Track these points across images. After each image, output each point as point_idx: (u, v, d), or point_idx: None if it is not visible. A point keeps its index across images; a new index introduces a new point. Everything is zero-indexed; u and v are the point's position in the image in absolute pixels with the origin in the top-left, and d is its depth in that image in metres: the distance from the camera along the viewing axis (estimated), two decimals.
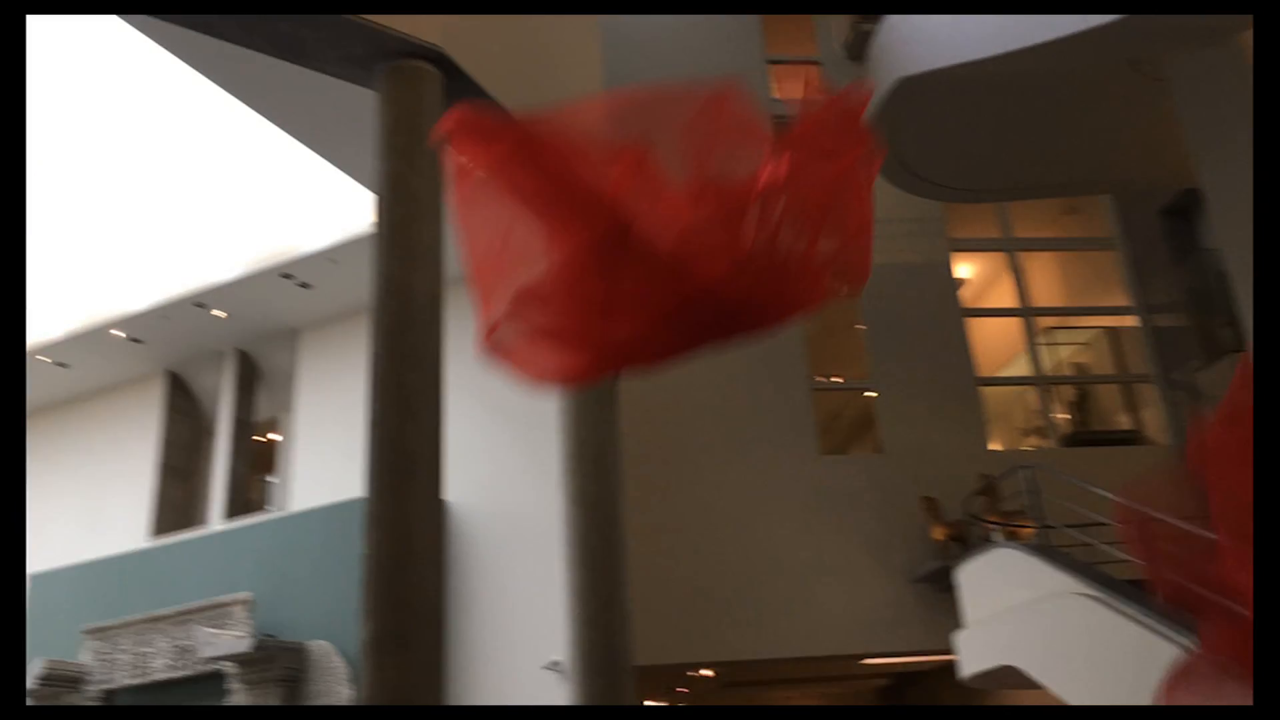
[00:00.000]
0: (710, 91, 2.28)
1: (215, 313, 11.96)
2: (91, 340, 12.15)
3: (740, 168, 2.30)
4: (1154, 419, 12.67)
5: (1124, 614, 6.24)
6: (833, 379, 14.48)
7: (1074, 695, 6.90)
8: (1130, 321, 13.08)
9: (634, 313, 2.31)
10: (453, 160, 2.29)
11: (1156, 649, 5.97)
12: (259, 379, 12.99)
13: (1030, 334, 12.96)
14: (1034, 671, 7.29)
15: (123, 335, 12.18)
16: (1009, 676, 7.94)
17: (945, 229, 13.11)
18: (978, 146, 10.08)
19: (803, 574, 11.17)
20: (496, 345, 2.34)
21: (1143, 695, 6.11)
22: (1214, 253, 10.34)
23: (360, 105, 6.71)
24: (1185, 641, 5.77)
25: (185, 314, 11.94)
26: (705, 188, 2.25)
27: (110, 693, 10.48)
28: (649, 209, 2.22)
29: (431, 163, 6.07)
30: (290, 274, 11.33)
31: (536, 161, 2.21)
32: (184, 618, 10.34)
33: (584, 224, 2.23)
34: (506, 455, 10.42)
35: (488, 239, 2.32)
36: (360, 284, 10.79)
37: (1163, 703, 2.77)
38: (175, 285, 11.71)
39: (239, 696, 9.70)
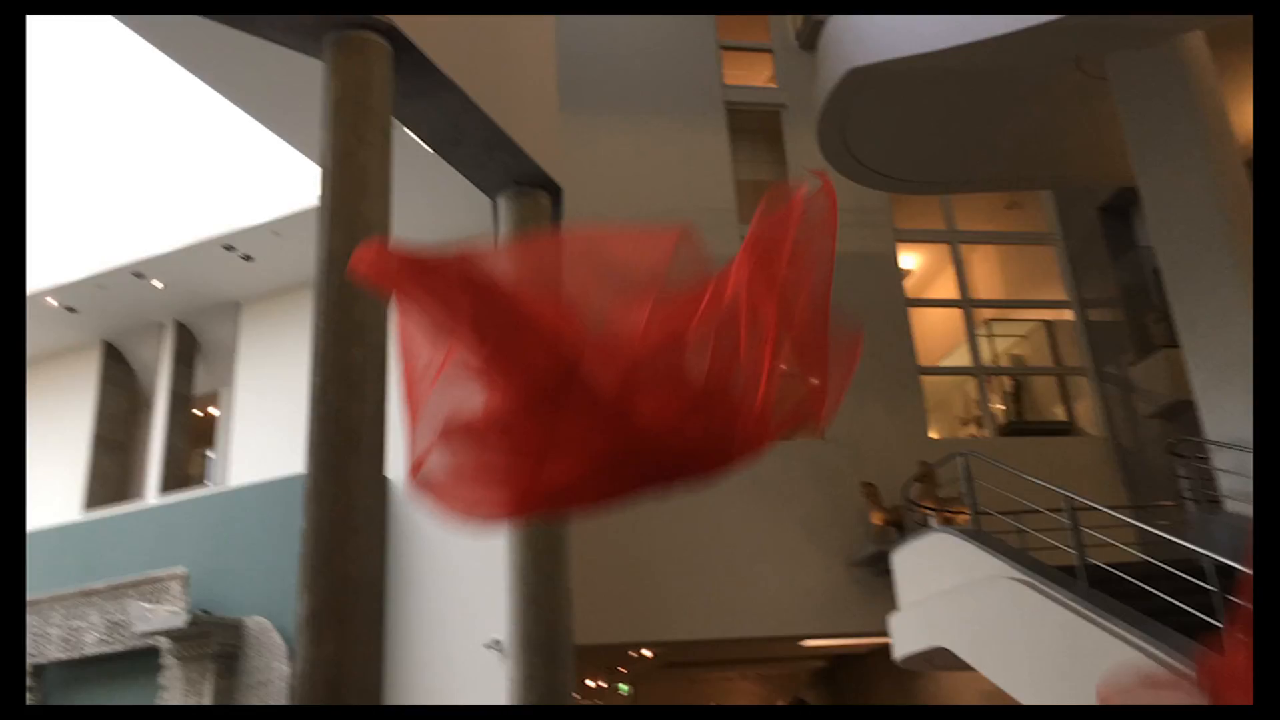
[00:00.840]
0: (661, 235, 2.21)
1: (154, 283, 11.72)
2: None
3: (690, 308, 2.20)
4: (1087, 410, 13.02)
5: (1052, 598, 6.43)
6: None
7: (1001, 677, 7.09)
8: (1067, 315, 13.41)
9: (572, 457, 2.17)
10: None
11: (1082, 632, 6.16)
12: (198, 351, 12.77)
13: (970, 325, 13.21)
14: (964, 653, 7.48)
15: (56, 304, 11.89)
16: (941, 658, 8.15)
17: (891, 220, 13.30)
18: (924, 138, 10.23)
19: (744, 557, 11.31)
20: (423, 480, 2.17)
21: (1068, 677, 6.32)
22: (1149, 250, 10.63)
23: (307, 76, 6.61)
24: (1111, 625, 5.97)
25: (122, 284, 11.68)
26: (653, 319, 2.13)
27: (40, 667, 10.27)
28: (592, 347, 2.12)
29: (380, 136, 6.01)
30: (232, 246, 11.14)
31: (470, 296, 2.08)
32: (117, 592, 10.15)
33: (522, 362, 2.12)
34: None
35: (423, 361, 2.15)
36: (304, 258, 10.67)
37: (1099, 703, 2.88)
38: (113, 254, 11.44)
39: (173, 672, 9.57)
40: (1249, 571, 2.39)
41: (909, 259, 14.71)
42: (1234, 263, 7.80)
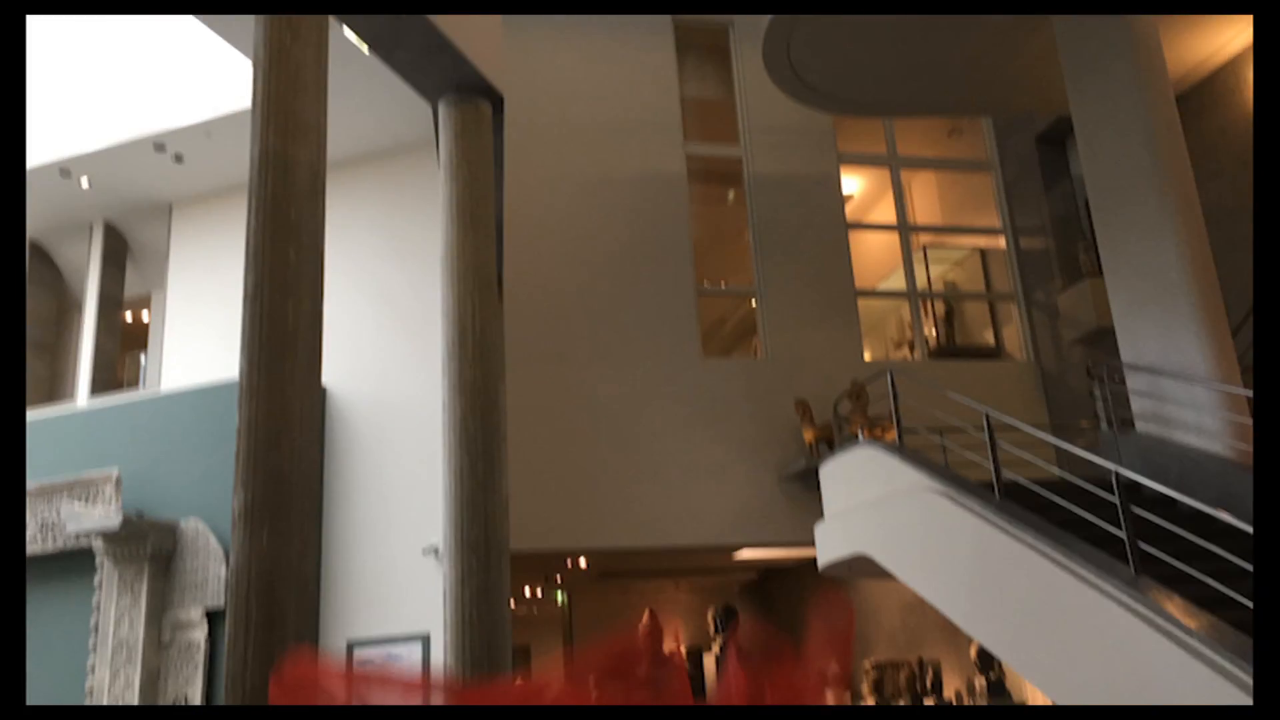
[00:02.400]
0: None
1: (81, 182, 11.38)
2: None
3: None
4: (1015, 336, 13.39)
5: (967, 509, 6.72)
6: (719, 284, 14.77)
7: (918, 583, 7.43)
8: (1000, 243, 13.68)
9: None
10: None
11: (994, 541, 6.48)
12: (128, 254, 12.49)
13: (907, 250, 13.43)
14: (884, 560, 7.81)
15: None
16: (862, 566, 8.48)
17: (835, 143, 13.36)
18: (869, 60, 10.25)
19: (678, 469, 11.56)
20: None
21: (981, 583, 6.64)
22: (1082, 180, 10.85)
23: None
24: (1020, 534, 6.29)
25: (48, 182, 11.33)
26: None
27: None
28: None
29: (316, 32, 5.89)
30: (163, 146, 10.84)
31: None
32: (49, 493, 10.07)
33: None
34: (387, 341, 10.37)
35: None
36: (236, 160, 10.48)
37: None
38: (38, 151, 11.07)
39: (107, 572, 9.59)
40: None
41: (851, 183, 14.83)
42: (1159, 195, 8.04)
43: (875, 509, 8.07)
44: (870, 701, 14.44)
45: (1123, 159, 8.36)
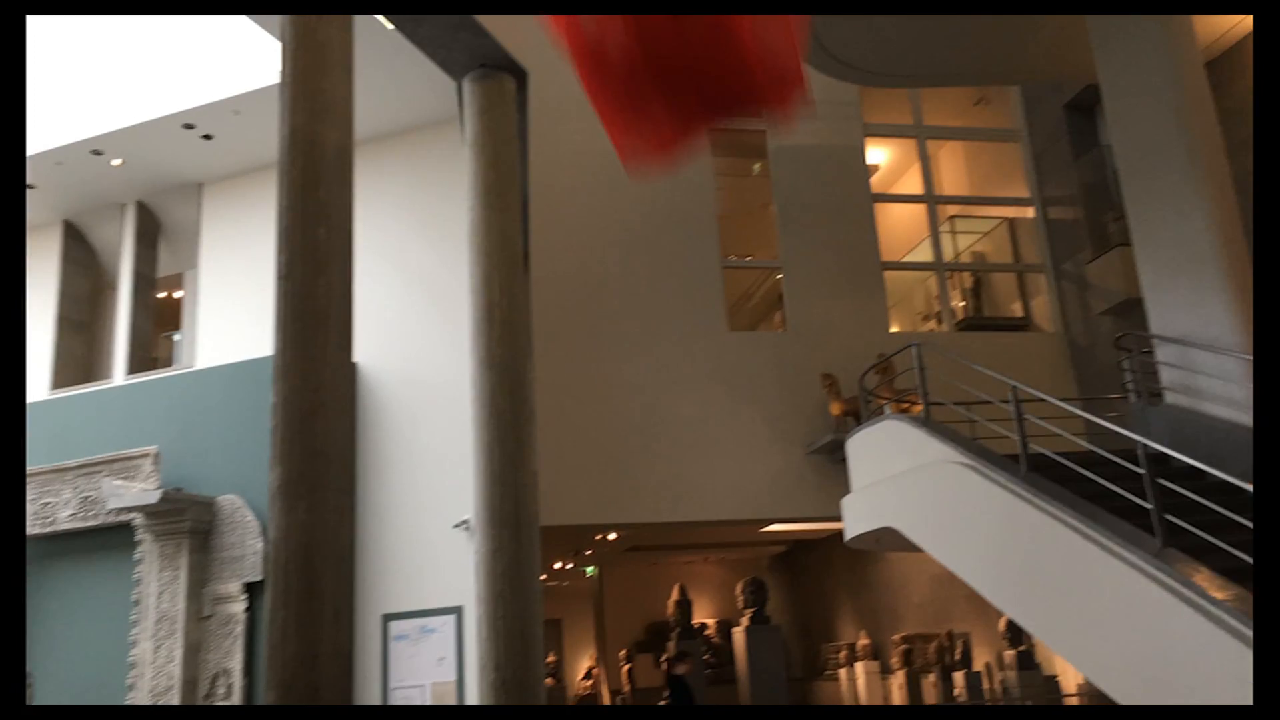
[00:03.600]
0: None
1: (112, 161, 11.53)
2: None
3: None
4: (1043, 307, 13.30)
5: (993, 480, 6.74)
6: (744, 258, 14.76)
7: (944, 555, 7.47)
8: (1029, 213, 13.57)
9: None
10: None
11: (1020, 512, 6.49)
12: (160, 232, 12.65)
13: (934, 221, 13.35)
14: (910, 533, 7.85)
15: None
16: (889, 539, 8.53)
17: (860, 114, 13.27)
18: (894, 30, 10.15)
19: (706, 444, 11.63)
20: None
21: (1006, 554, 6.66)
22: (1111, 148, 10.72)
23: None
24: (1046, 505, 6.30)
25: (81, 161, 11.48)
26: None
27: None
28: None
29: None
30: (192, 124, 10.95)
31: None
32: (89, 469, 10.30)
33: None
34: (415, 318, 10.47)
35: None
36: (264, 137, 10.56)
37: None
38: (70, 130, 11.22)
39: (148, 547, 9.81)
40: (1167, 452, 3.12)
41: (876, 154, 14.74)
42: (1188, 163, 7.95)
43: (902, 482, 8.10)
44: (900, 675, 14.52)
45: (1151, 127, 8.27)
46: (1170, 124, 8.11)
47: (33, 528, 10.36)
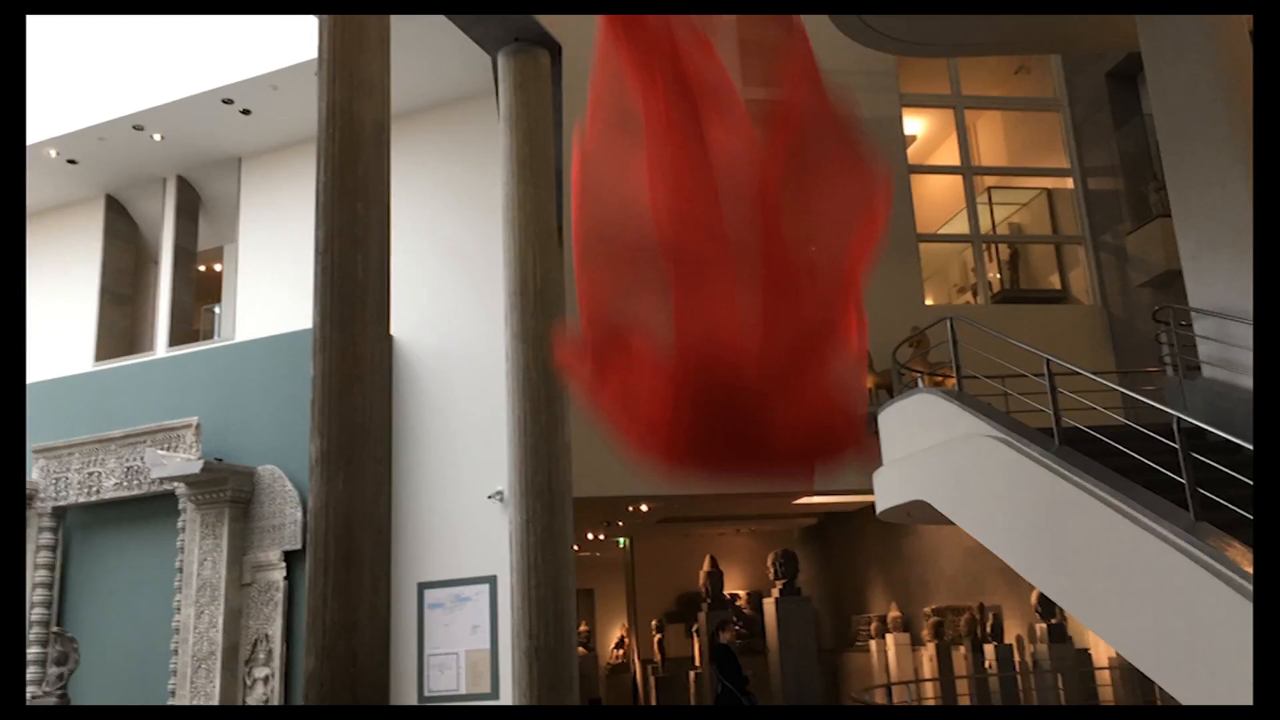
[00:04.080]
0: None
1: (154, 136, 11.69)
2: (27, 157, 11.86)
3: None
4: (1081, 279, 13.15)
5: (1025, 454, 6.71)
6: None
7: (976, 528, 7.47)
8: (1068, 184, 13.39)
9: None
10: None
11: (1052, 486, 6.48)
12: (201, 207, 12.84)
13: (971, 193, 13.21)
14: (942, 506, 7.85)
15: (56, 155, 11.89)
16: (920, 511, 8.54)
17: (897, 84, 13.13)
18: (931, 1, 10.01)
19: None
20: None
21: (1038, 528, 6.66)
22: (1152, 117, 10.55)
23: None
24: (1079, 479, 6.28)
25: (122, 136, 11.66)
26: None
27: (60, 509, 10.75)
28: None
29: None
30: (230, 99, 11.08)
31: None
32: (133, 440, 10.54)
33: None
34: (451, 291, 10.57)
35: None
36: (302, 112, 10.67)
37: None
38: (111, 106, 11.38)
39: (190, 515, 10.04)
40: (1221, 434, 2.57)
41: (913, 124, 14.58)
42: (1230, 132, 7.81)
43: (934, 455, 8.09)
44: (930, 647, 14.56)
45: (1193, 96, 8.13)
46: (1213, 93, 7.96)
47: (78, 496, 10.64)
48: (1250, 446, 5.54)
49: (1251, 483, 5.46)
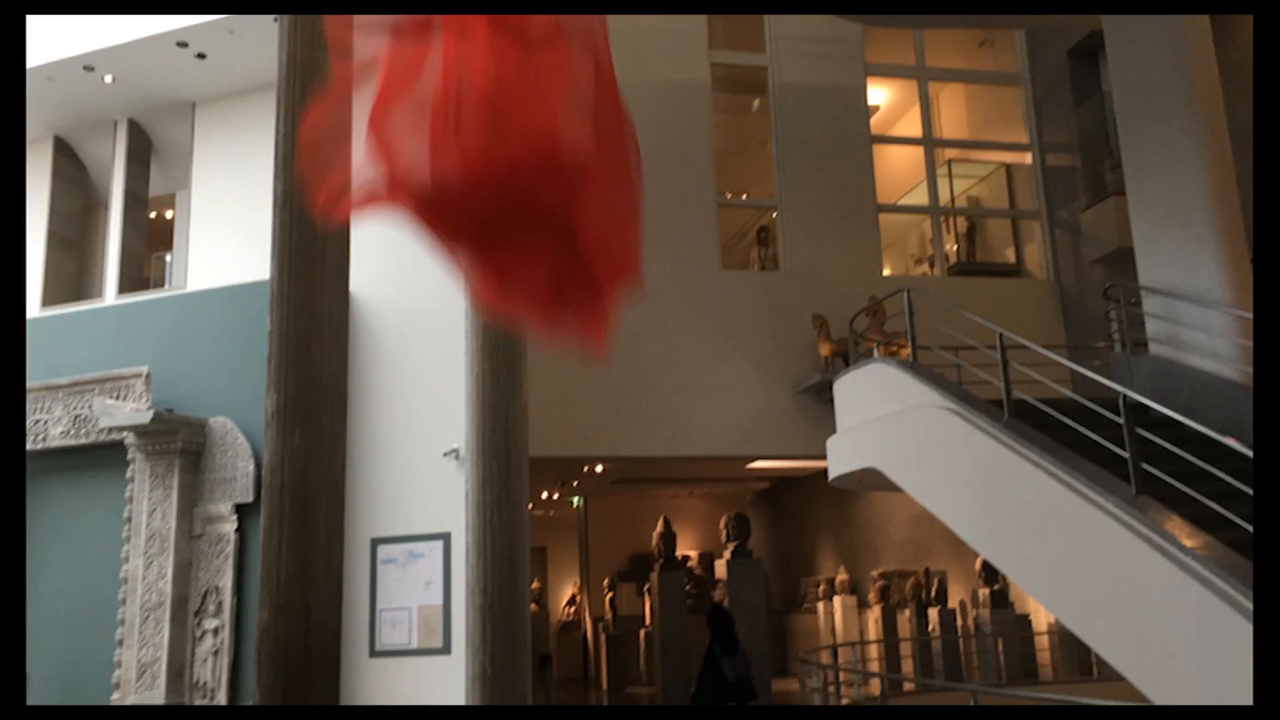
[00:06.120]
0: None
1: (105, 78, 11.37)
2: None
3: None
4: (1036, 254, 13.35)
5: (975, 425, 6.86)
6: (740, 196, 14.71)
7: (925, 496, 7.63)
8: (1026, 158, 13.53)
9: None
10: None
11: (1000, 457, 6.63)
12: (153, 151, 12.54)
13: (931, 165, 13.30)
14: (893, 474, 8.00)
15: None
16: (872, 479, 8.69)
17: (862, 53, 13.13)
18: None
19: (696, 380, 11.73)
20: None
21: (984, 497, 6.81)
22: (1112, 95, 10.68)
23: None
24: (1025, 451, 6.43)
25: (72, 76, 11.32)
26: None
27: None
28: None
29: None
30: (185, 42, 10.79)
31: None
32: (80, 388, 10.34)
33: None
34: (409, 246, 10.43)
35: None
36: (259, 59, 10.44)
37: None
38: (61, 45, 11.04)
39: (139, 465, 9.90)
40: None
41: (877, 94, 14.61)
42: (1186, 114, 7.95)
43: (887, 424, 8.23)
44: (876, 609, 14.87)
45: (1152, 75, 8.24)
46: (1173, 74, 8.08)
47: (26, 444, 10.44)
48: (1190, 423, 5.70)
49: (1191, 459, 5.64)
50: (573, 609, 21.50)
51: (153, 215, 13.05)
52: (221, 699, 9.28)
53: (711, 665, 11.20)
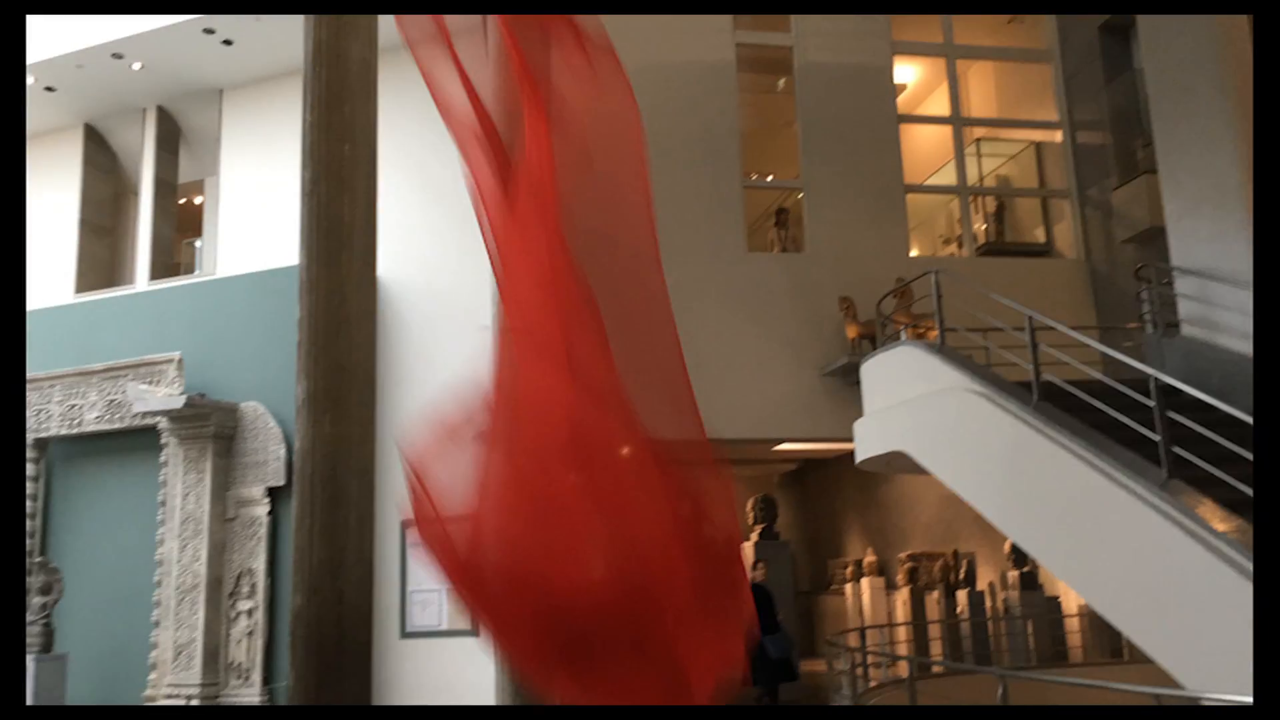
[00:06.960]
0: None
1: (133, 65, 11.47)
2: None
3: None
4: (1066, 233, 13.19)
5: (1004, 409, 6.82)
6: (766, 177, 14.64)
7: (953, 480, 7.60)
8: (1056, 137, 13.36)
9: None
10: None
11: (1029, 440, 6.59)
12: (181, 138, 12.65)
13: (959, 144, 13.16)
14: (921, 457, 7.98)
15: (33, 81, 11.66)
16: (899, 461, 8.67)
17: (889, 31, 12.99)
18: None
19: (722, 362, 11.70)
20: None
21: (1013, 480, 6.78)
22: (1144, 73, 10.51)
23: None
24: (1055, 435, 6.38)
25: (101, 64, 11.43)
26: None
27: (42, 441, 10.74)
28: None
29: None
30: (212, 29, 10.86)
31: None
32: (115, 373, 10.50)
33: None
34: (436, 231, 10.50)
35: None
36: (284, 45, 10.48)
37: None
38: (90, 33, 11.14)
39: (173, 449, 10.05)
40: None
41: (904, 73, 14.47)
42: (1220, 92, 7.82)
43: (914, 407, 8.19)
44: (904, 591, 14.85)
45: (1185, 53, 8.11)
46: (1206, 51, 7.95)
47: (60, 429, 10.62)
48: (1222, 406, 5.64)
49: (1223, 441, 5.58)
50: None
51: (182, 201, 13.18)
52: (256, 680, 9.43)
53: (756, 645, 11.21)
